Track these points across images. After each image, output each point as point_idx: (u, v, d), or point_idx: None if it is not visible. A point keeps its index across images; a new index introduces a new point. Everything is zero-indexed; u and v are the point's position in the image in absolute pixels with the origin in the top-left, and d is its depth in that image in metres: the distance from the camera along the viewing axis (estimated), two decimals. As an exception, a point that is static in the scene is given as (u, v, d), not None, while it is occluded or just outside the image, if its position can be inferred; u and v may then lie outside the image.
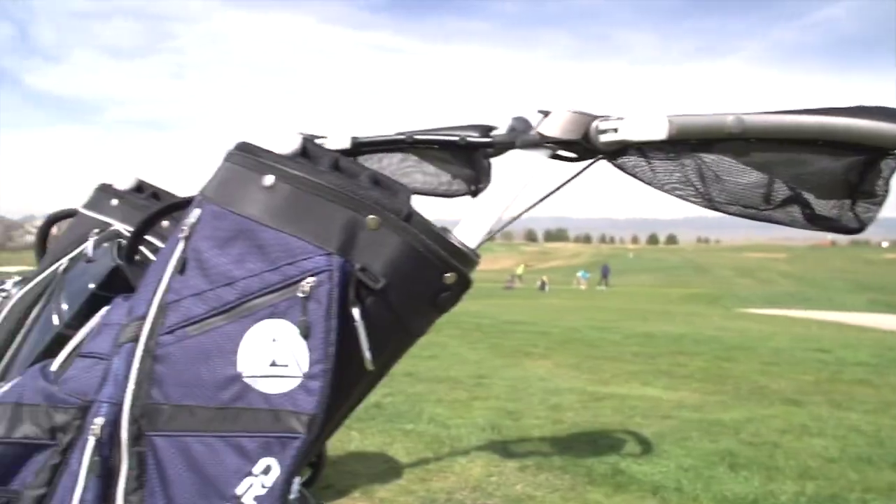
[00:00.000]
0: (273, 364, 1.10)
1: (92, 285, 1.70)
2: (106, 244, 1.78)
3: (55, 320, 1.72)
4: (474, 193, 1.42)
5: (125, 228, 1.80)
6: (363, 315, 1.10)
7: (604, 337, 9.76)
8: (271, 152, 1.17)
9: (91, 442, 1.19)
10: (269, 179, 1.14)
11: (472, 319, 11.71)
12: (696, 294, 43.75)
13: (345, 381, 1.12)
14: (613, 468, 3.81)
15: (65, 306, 1.72)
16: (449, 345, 8.53)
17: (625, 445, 4.38)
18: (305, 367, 1.07)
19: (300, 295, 1.09)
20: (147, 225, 1.49)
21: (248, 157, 1.18)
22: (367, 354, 1.10)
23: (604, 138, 1.17)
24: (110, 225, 1.82)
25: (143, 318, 1.21)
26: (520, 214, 1.35)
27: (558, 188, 1.33)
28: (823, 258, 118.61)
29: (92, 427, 1.20)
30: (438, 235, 1.13)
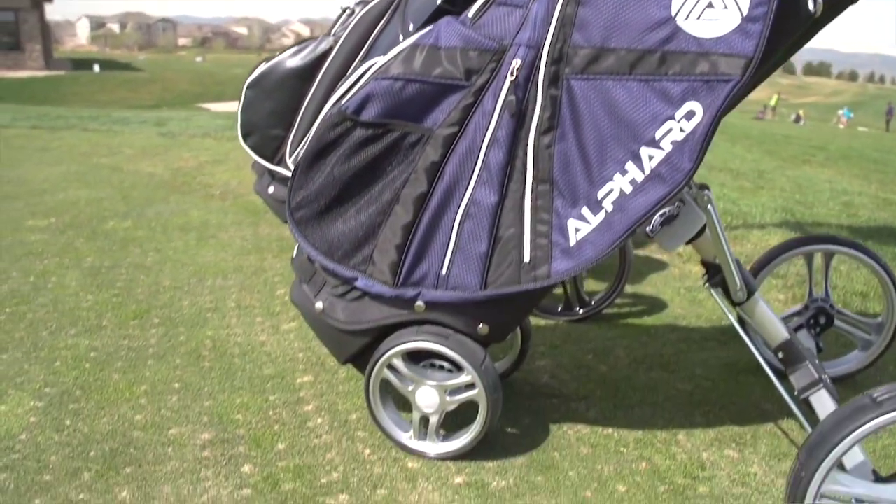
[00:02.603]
0: (709, 6, 1.11)
1: (439, 0, 1.77)
2: None
3: (399, 36, 1.81)
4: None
5: None
6: None
7: (889, 158, 8.95)
8: None
9: (507, 82, 1.29)
10: None
11: (739, 128, 11.13)
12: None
13: (779, 31, 1.11)
14: (929, 258, 3.63)
15: (410, 23, 1.80)
16: (719, 143, 8.22)
17: (937, 242, 4.13)
18: (745, 10, 1.08)
19: None
20: None
21: None
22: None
23: None
24: None
25: None
26: None
27: None
28: None
29: (509, 68, 1.30)
30: None
